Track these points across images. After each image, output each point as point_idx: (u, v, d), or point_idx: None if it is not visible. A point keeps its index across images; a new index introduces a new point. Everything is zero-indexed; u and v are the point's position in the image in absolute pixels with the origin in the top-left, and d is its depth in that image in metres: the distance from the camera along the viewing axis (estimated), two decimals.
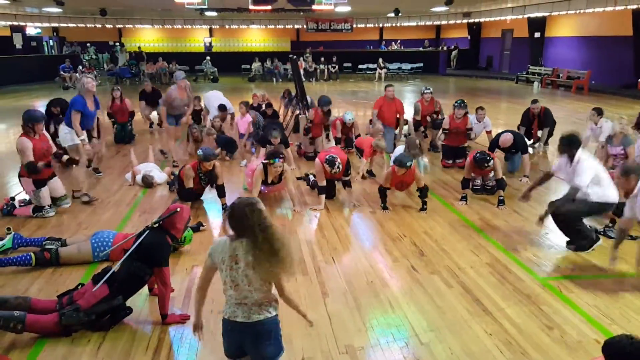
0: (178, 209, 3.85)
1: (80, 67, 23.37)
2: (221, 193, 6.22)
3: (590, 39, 20.90)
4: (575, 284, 4.28)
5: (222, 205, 6.22)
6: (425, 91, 9.92)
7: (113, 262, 4.17)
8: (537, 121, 9.14)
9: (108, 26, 28.17)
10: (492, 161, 6.33)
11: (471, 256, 4.85)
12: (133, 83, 23.42)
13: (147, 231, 3.71)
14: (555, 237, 5.25)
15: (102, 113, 7.87)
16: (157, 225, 3.76)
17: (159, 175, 7.28)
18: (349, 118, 8.96)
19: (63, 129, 6.54)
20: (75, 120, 6.38)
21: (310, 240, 5.28)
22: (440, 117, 9.78)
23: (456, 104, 8.27)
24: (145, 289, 4.02)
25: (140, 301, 3.98)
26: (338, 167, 6.19)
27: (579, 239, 4.92)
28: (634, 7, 16.56)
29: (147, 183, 7.11)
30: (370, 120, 9.94)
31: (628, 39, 18.23)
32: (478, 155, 6.37)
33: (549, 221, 5.73)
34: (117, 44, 28.91)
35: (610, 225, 5.45)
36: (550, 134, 9.23)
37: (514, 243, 5.17)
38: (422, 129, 10.05)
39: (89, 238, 4.76)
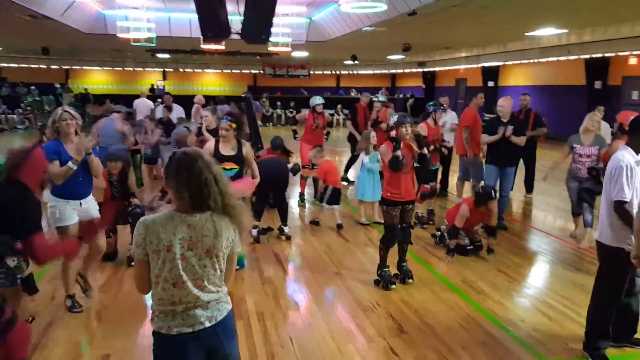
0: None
1: (19, 109, 21.95)
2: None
3: (543, 87, 21.16)
4: None
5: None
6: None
7: None
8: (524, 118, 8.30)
9: (53, 67, 26.89)
10: (497, 196, 5.57)
11: (461, 332, 3.96)
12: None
13: None
14: (551, 305, 4.46)
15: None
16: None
17: None
18: (318, 101, 8.36)
19: (48, 199, 4.16)
20: (53, 177, 3.90)
21: (262, 312, 4.28)
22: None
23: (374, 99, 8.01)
24: None
25: None
26: None
27: None
28: (587, 56, 16.79)
29: None
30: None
31: (581, 88, 18.46)
32: (481, 189, 5.61)
33: (537, 284, 5.00)
34: (59, 85, 27.54)
35: None
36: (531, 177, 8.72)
37: (506, 312, 4.33)
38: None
39: None
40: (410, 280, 4.90)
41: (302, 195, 8.17)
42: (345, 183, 9.87)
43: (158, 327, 2.09)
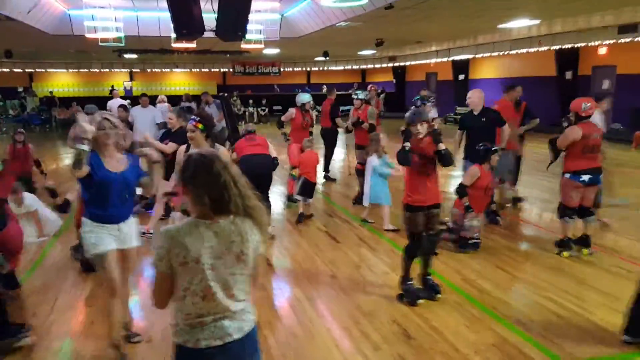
0: None
1: None
2: None
3: (514, 80, 21.36)
4: None
5: None
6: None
7: None
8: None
9: (17, 70, 25.94)
10: (497, 151, 5.70)
11: (470, 335, 3.82)
12: (43, 130, 21.37)
13: None
14: (557, 301, 4.37)
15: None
16: None
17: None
18: (307, 99, 8.29)
19: (83, 222, 3.50)
20: (72, 172, 3.29)
21: (258, 322, 4.03)
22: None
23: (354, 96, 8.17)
24: None
25: None
26: None
27: None
28: (557, 47, 16.99)
29: None
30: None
31: (552, 79, 18.69)
32: (481, 146, 5.67)
33: (538, 279, 4.89)
34: (22, 88, 26.58)
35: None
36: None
37: (513, 312, 4.21)
38: None
39: None
40: (439, 296, 4.43)
41: (290, 196, 7.91)
42: (325, 180, 9.70)
43: (184, 340, 1.96)
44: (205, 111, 7.69)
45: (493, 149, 5.70)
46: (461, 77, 24.66)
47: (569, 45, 16.38)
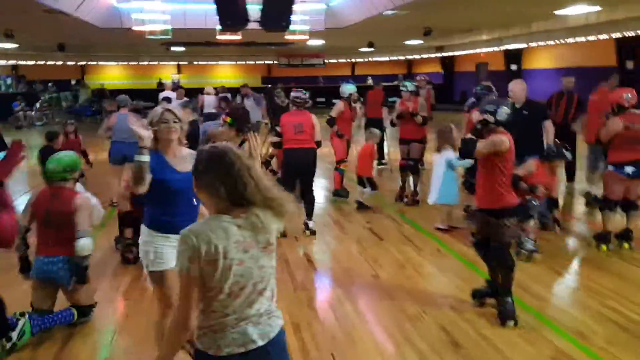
0: None
1: (37, 104, 21.94)
2: None
3: (571, 70, 20.39)
4: None
5: None
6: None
7: None
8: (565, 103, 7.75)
9: (69, 63, 26.77)
10: (568, 154, 5.53)
11: (525, 346, 3.51)
12: (94, 121, 21.97)
13: None
14: (622, 312, 4.00)
15: None
16: None
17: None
18: (353, 89, 8.01)
19: (142, 231, 3.02)
20: (132, 186, 2.92)
21: (297, 324, 3.89)
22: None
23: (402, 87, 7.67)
24: None
25: None
26: None
27: None
28: (618, 35, 16.04)
29: None
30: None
31: (612, 70, 17.70)
32: (554, 149, 5.49)
33: (601, 287, 4.50)
34: (75, 81, 27.49)
35: None
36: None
37: (572, 321, 3.86)
38: None
39: None
40: (511, 322, 3.76)
41: (335, 190, 7.68)
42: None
43: (205, 347, 1.86)
44: (237, 105, 7.58)
45: (565, 155, 5.56)
46: (514, 67, 23.76)
47: (632, 33, 15.39)
